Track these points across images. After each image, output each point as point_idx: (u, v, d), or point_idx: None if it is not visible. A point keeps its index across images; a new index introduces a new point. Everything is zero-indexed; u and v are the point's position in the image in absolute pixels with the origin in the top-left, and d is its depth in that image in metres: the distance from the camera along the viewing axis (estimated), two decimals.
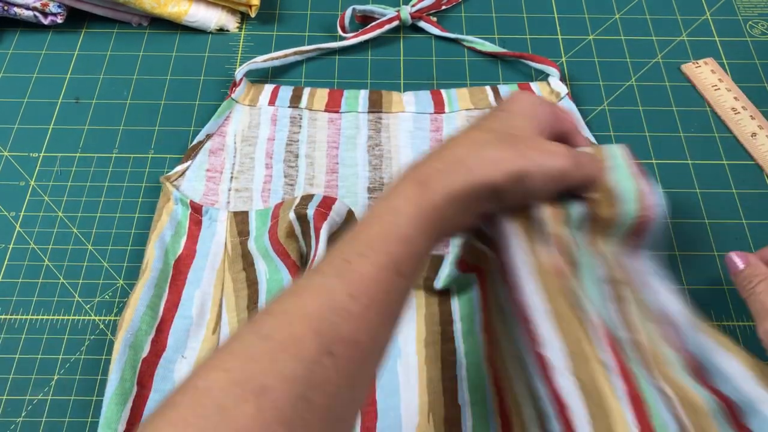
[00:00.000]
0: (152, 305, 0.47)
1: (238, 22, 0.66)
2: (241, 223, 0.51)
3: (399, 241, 0.33)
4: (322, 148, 0.57)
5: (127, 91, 0.61)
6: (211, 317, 0.47)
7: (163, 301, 0.48)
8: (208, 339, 0.47)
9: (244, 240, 0.50)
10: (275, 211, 0.49)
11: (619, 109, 0.60)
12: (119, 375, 0.44)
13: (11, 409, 0.45)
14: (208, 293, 0.48)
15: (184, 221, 0.51)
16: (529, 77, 0.62)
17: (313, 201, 0.46)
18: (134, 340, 0.45)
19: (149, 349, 0.46)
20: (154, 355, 0.46)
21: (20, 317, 0.49)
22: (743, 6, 0.68)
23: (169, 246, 0.50)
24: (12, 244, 0.52)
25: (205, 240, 0.51)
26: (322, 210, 0.45)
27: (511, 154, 0.36)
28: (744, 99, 0.60)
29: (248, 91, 0.60)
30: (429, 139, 0.57)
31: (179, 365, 0.45)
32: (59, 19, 0.63)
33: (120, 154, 0.57)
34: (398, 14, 0.64)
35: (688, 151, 0.58)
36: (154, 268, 0.48)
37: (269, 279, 0.47)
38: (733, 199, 0.55)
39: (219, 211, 0.51)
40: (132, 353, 0.45)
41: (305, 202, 0.46)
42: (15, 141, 0.58)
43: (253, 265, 0.49)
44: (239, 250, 0.50)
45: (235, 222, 0.51)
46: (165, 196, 0.53)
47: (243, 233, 0.50)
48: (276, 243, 0.47)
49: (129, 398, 0.43)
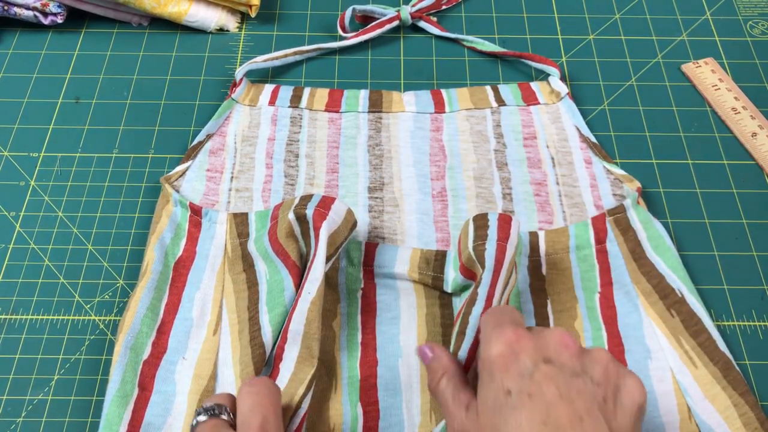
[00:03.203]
0: (152, 307, 0.47)
1: (238, 22, 0.66)
2: (241, 224, 0.51)
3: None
4: (323, 148, 0.57)
5: (127, 91, 0.61)
6: (212, 318, 0.47)
7: (164, 303, 0.48)
8: (209, 340, 0.47)
9: (244, 241, 0.50)
10: (275, 212, 0.49)
11: (619, 109, 0.60)
12: (120, 377, 0.44)
13: (11, 409, 0.45)
14: (208, 295, 0.48)
15: (183, 223, 0.51)
16: (530, 77, 0.62)
17: (312, 201, 0.46)
18: (135, 342, 0.45)
19: (150, 351, 0.46)
20: (155, 357, 0.45)
21: (20, 317, 0.49)
22: (743, 6, 0.68)
23: (169, 248, 0.50)
24: (12, 244, 0.52)
25: (205, 242, 0.51)
26: (322, 210, 0.45)
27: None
28: (744, 99, 0.60)
29: (248, 91, 0.60)
30: (429, 138, 0.57)
31: (180, 366, 0.45)
32: (59, 19, 0.63)
33: (120, 154, 0.57)
34: (398, 14, 0.64)
35: (688, 151, 0.58)
36: (154, 270, 0.48)
37: (269, 280, 0.47)
38: (733, 199, 0.55)
39: (218, 213, 0.51)
40: (133, 355, 0.45)
41: (304, 202, 0.46)
42: (15, 141, 0.58)
43: (253, 267, 0.49)
44: (239, 252, 0.50)
45: (234, 223, 0.51)
46: (164, 198, 0.52)
47: (243, 235, 0.50)
48: (275, 243, 0.47)
49: (130, 400, 0.43)
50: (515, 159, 0.56)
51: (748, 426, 0.42)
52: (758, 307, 0.50)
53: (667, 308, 0.47)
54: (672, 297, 0.47)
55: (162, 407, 0.44)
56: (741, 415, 0.43)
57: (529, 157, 0.56)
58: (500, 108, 0.59)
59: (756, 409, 0.43)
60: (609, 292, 0.49)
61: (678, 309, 0.47)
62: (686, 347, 0.46)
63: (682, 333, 0.46)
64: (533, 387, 0.33)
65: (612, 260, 0.50)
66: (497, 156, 0.56)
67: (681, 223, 0.54)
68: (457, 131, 0.58)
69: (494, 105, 0.59)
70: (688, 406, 0.44)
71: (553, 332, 0.36)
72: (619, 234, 0.50)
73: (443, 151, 0.57)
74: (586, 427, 0.31)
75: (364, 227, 0.52)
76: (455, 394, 0.37)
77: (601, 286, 0.49)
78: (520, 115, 0.58)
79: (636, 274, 0.49)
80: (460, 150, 0.57)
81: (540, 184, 0.55)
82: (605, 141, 0.58)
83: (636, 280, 0.49)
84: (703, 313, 0.47)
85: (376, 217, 0.53)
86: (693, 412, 0.43)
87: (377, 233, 0.52)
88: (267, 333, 0.45)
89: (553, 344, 0.35)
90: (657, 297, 0.48)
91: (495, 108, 0.59)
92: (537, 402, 0.32)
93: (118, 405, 0.43)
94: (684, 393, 0.44)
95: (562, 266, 0.50)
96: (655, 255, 0.49)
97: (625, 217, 0.51)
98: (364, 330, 0.47)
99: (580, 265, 0.50)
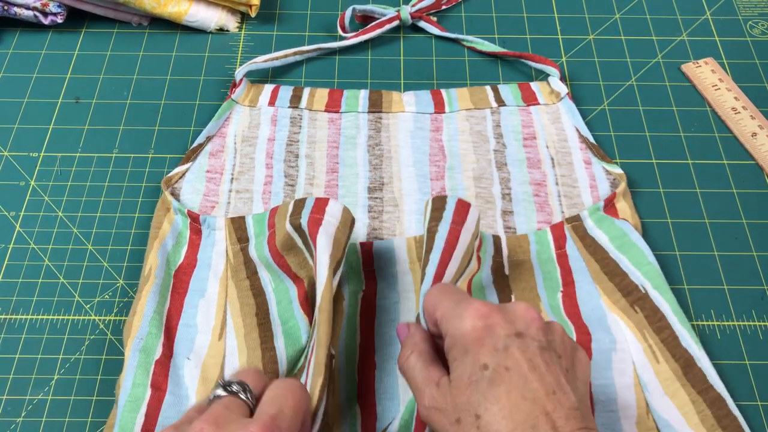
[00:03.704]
0: (159, 311, 0.47)
1: (238, 22, 0.66)
2: (239, 229, 0.50)
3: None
4: (322, 148, 0.57)
5: (127, 91, 0.61)
6: (216, 324, 0.47)
7: (166, 309, 0.47)
8: (215, 345, 0.46)
9: (245, 246, 0.50)
10: (271, 219, 0.48)
11: (619, 109, 0.60)
12: (131, 381, 0.43)
13: (11, 409, 0.45)
14: (212, 301, 0.48)
15: (184, 231, 0.51)
16: (529, 77, 0.62)
17: (305, 208, 0.45)
18: (144, 344, 0.45)
19: (161, 351, 0.45)
20: (166, 357, 0.45)
21: (20, 317, 0.49)
22: (743, 6, 0.68)
23: (170, 255, 0.50)
24: (12, 244, 0.52)
25: (206, 249, 0.50)
26: (316, 216, 0.44)
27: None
28: (744, 99, 0.60)
29: (248, 91, 0.60)
30: (429, 138, 0.57)
31: (186, 370, 0.45)
32: (59, 19, 0.63)
33: (120, 154, 0.57)
34: (398, 14, 0.64)
35: (688, 151, 0.58)
36: (157, 275, 0.48)
37: (275, 289, 0.47)
38: (733, 199, 0.55)
39: (216, 219, 0.51)
40: (144, 356, 0.44)
41: (298, 210, 0.45)
42: (15, 141, 0.58)
43: (257, 274, 0.48)
44: (241, 258, 0.49)
45: (233, 229, 0.51)
46: (164, 205, 0.52)
47: (243, 240, 0.50)
48: (276, 255, 0.47)
49: (142, 403, 0.43)
50: (515, 159, 0.56)
51: (705, 422, 0.42)
52: (758, 307, 0.50)
53: (630, 305, 0.47)
54: (635, 293, 0.47)
55: (175, 409, 0.43)
56: (698, 412, 0.43)
57: (529, 158, 0.56)
58: (500, 108, 0.59)
59: (714, 408, 0.43)
60: (571, 291, 0.49)
61: (641, 305, 0.47)
62: (650, 342, 0.46)
63: (646, 328, 0.46)
64: (509, 361, 0.33)
65: (572, 263, 0.50)
66: (497, 156, 0.56)
67: (681, 223, 0.54)
68: (457, 131, 0.58)
69: (494, 105, 0.59)
70: (647, 401, 0.44)
71: (518, 306, 0.36)
72: (578, 239, 0.50)
73: (443, 152, 0.57)
74: (559, 398, 0.32)
75: (363, 228, 0.52)
76: (425, 370, 0.36)
77: (563, 286, 0.49)
78: (519, 116, 0.58)
79: (598, 274, 0.49)
80: (459, 150, 0.57)
81: (539, 184, 0.55)
82: (605, 141, 0.58)
83: (598, 280, 0.49)
84: (667, 308, 0.46)
85: (376, 217, 0.53)
86: (651, 408, 0.43)
87: (376, 234, 0.52)
88: (280, 347, 0.44)
89: (521, 318, 0.35)
90: (620, 295, 0.48)
91: (495, 108, 0.59)
92: (514, 375, 0.32)
93: (130, 410, 0.43)
94: (644, 388, 0.44)
95: (524, 267, 0.50)
96: (619, 253, 0.49)
97: (582, 226, 0.51)
98: (363, 333, 0.47)
99: (542, 267, 0.50)
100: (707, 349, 0.46)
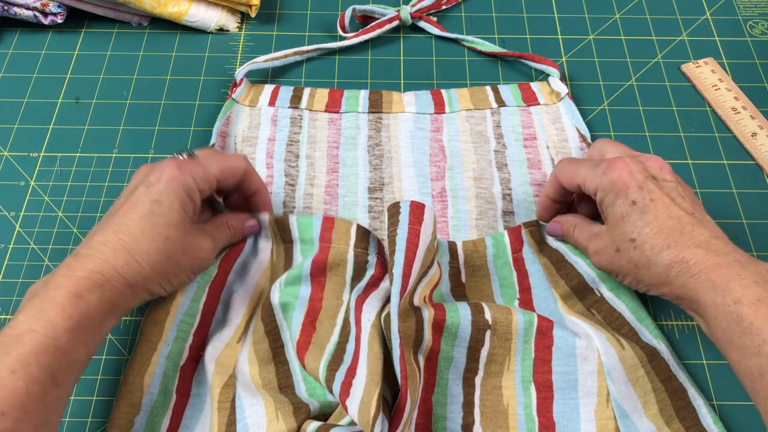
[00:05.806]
0: (191, 311, 0.46)
1: (238, 22, 0.66)
2: (283, 230, 0.49)
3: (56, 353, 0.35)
4: (323, 149, 0.57)
5: (127, 91, 0.61)
6: (240, 324, 0.46)
7: (202, 304, 0.46)
8: (232, 346, 0.45)
9: (289, 247, 0.49)
10: (325, 234, 0.48)
11: (619, 109, 0.60)
12: (157, 389, 0.43)
13: None
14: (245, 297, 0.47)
15: None
16: (529, 77, 0.62)
17: (371, 245, 0.47)
18: (171, 350, 0.44)
19: (187, 355, 0.45)
20: (192, 360, 0.45)
21: None
22: (743, 6, 0.68)
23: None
24: (12, 244, 0.52)
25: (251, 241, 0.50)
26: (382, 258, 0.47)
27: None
28: (744, 99, 0.60)
29: (248, 91, 0.60)
30: (429, 139, 0.57)
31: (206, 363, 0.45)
32: (59, 19, 0.63)
33: (120, 154, 0.57)
34: (398, 14, 0.64)
35: (688, 151, 0.58)
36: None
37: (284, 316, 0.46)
38: (733, 199, 0.55)
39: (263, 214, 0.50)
40: (170, 364, 0.44)
41: (363, 243, 0.47)
42: (15, 141, 0.58)
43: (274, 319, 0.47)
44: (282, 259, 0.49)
45: (277, 229, 0.49)
46: None
47: (287, 240, 0.49)
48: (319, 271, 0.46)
49: (167, 410, 0.43)
50: (515, 160, 0.56)
51: (663, 412, 0.42)
52: None
53: (587, 308, 0.47)
54: (591, 297, 0.47)
55: (197, 408, 0.43)
56: (659, 401, 0.43)
57: (529, 158, 0.56)
58: (500, 108, 0.59)
59: (675, 398, 0.43)
60: (527, 298, 0.48)
61: (598, 308, 0.47)
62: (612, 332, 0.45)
63: (605, 327, 0.45)
64: (653, 194, 0.42)
65: (529, 266, 0.49)
66: (497, 156, 0.56)
67: None
68: (457, 132, 0.58)
69: (494, 105, 0.59)
70: (608, 390, 0.43)
71: (650, 157, 0.45)
72: (534, 243, 0.50)
73: (443, 152, 0.57)
74: (696, 216, 0.42)
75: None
76: (585, 232, 0.46)
77: (520, 293, 0.49)
78: (520, 116, 0.58)
79: (554, 277, 0.48)
80: (460, 150, 0.57)
81: (540, 184, 0.55)
82: None
83: (555, 284, 0.48)
84: (623, 308, 0.47)
85: (376, 218, 0.53)
86: (612, 396, 0.43)
87: (377, 234, 0.52)
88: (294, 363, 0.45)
89: (654, 166, 0.44)
90: (576, 299, 0.48)
91: (495, 108, 0.59)
92: (659, 204, 0.42)
93: (156, 415, 0.42)
94: (607, 375, 0.43)
95: (481, 274, 0.50)
96: (574, 256, 0.49)
97: (538, 231, 0.50)
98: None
99: (498, 272, 0.50)
100: (707, 349, 0.47)
